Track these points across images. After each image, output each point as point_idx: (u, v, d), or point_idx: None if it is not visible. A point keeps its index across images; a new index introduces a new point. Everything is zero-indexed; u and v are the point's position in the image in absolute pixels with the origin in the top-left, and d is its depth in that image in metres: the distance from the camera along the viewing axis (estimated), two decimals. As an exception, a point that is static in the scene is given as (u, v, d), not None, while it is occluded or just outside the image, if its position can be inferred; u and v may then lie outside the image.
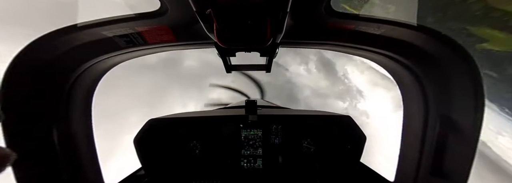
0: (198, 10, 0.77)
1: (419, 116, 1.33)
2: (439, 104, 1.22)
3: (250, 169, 2.14)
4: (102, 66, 1.39)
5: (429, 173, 1.21)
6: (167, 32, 1.13)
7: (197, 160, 2.20)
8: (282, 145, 2.25)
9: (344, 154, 2.22)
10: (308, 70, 25.79)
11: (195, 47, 1.37)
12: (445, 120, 1.14)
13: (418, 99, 1.33)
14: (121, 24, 1.03)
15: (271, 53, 1.26)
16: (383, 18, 1.01)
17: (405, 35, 1.08)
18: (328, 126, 2.29)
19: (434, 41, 1.03)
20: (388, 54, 1.29)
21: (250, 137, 2.22)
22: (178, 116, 2.20)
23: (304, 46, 1.37)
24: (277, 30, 0.93)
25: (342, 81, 25.19)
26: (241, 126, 2.23)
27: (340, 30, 1.14)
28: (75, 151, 1.37)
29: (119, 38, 1.13)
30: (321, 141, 2.27)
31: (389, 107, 21.65)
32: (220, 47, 1.02)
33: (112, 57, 1.32)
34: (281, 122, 2.28)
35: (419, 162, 1.34)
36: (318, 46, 1.38)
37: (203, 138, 2.26)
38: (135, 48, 1.26)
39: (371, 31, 1.10)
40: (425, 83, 1.27)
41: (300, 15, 1.00)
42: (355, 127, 2.03)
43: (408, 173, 1.41)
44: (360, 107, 24.29)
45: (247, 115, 2.16)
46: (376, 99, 23.50)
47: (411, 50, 1.16)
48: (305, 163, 2.22)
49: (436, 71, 1.16)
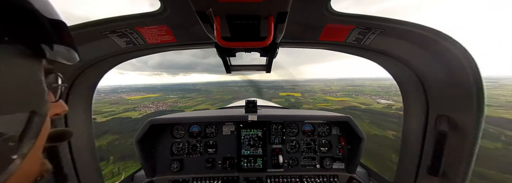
0: (198, 10, 0.76)
1: (419, 116, 1.34)
2: (439, 104, 1.22)
3: (250, 169, 2.15)
4: (102, 66, 1.39)
5: (429, 173, 1.21)
6: (167, 32, 1.12)
7: (197, 160, 2.20)
8: (282, 145, 2.26)
9: (344, 154, 2.23)
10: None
11: (195, 47, 1.37)
12: (445, 120, 1.14)
13: (418, 99, 1.33)
14: (121, 24, 1.02)
15: (271, 53, 1.25)
16: (383, 17, 1.01)
17: (405, 34, 1.07)
18: (328, 126, 2.29)
19: (434, 41, 1.03)
20: (388, 54, 1.29)
21: (250, 137, 2.22)
22: (178, 116, 2.20)
23: (304, 46, 1.37)
24: (277, 30, 0.93)
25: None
26: (241, 126, 2.23)
27: (340, 30, 1.14)
28: (74, 150, 1.37)
29: (119, 38, 1.13)
30: (321, 141, 2.27)
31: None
32: (220, 47, 1.01)
33: (112, 57, 1.32)
34: (281, 122, 2.28)
35: (419, 162, 1.35)
36: (318, 46, 1.37)
37: (203, 138, 2.26)
38: (135, 48, 1.25)
39: (371, 31, 1.10)
40: (425, 82, 1.27)
41: (300, 15, 1.00)
42: (355, 128, 2.03)
43: (408, 173, 1.41)
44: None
45: (247, 115, 2.16)
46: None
47: (411, 49, 1.16)
48: (305, 163, 2.23)
49: (436, 70, 1.16)
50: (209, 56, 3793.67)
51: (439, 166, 1.15)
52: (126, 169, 38.81)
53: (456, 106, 1.10)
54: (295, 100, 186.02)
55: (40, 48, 0.39)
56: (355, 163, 2.07)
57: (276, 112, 2.35)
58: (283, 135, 2.26)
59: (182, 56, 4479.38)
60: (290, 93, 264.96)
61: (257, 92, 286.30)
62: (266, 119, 2.19)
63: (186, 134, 2.25)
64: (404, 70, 1.34)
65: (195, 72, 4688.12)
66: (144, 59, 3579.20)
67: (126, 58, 1.42)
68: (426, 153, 1.30)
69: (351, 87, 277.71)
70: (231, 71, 1.53)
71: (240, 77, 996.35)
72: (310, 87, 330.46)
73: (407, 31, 1.04)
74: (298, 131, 2.29)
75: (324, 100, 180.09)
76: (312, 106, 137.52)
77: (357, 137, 2.02)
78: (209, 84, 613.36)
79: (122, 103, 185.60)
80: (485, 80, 0.99)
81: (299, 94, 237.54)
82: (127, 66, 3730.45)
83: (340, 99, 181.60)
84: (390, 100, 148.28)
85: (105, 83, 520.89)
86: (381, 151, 43.66)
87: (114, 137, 64.10)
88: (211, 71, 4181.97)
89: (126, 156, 44.51)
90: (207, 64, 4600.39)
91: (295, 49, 15.61)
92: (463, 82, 1.02)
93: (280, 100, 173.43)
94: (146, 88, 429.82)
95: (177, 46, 1.32)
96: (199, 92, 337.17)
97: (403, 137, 1.49)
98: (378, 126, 74.41)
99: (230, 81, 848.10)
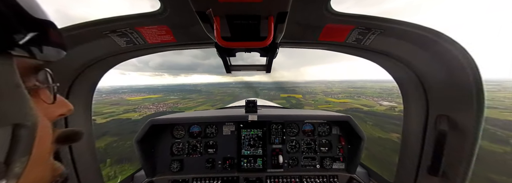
0: (198, 10, 0.77)
1: (419, 116, 1.33)
2: (439, 104, 1.21)
3: (250, 169, 2.14)
4: (102, 65, 1.40)
5: (429, 173, 1.20)
6: (167, 32, 1.13)
7: (197, 160, 2.20)
8: (282, 145, 2.25)
9: (344, 154, 2.22)
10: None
11: (195, 47, 1.37)
12: (445, 120, 1.13)
13: (418, 99, 1.33)
14: (121, 24, 1.03)
15: (271, 53, 1.25)
16: (383, 17, 1.01)
17: (405, 35, 1.08)
18: (328, 126, 2.29)
19: (434, 41, 1.03)
20: (388, 54, 1.29)
21: (250, 137, 2.22)
22: (178, 117, 2.20)
23: (304, 46, 1.37)
24: (277, 30, 0.93)
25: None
26: (241, 126, 2.23)
27: (340, 30, 1.14)
28: (75, 151, 1.38)
29: (119, 38, 1.14)
30: (321, 141, 2.27)
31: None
32: (220, 47, 1.02)
33: (112, 57, 1.33)
34: (281, 122, 2.28)
35: (419, 162, 1.34)
36: (318, 46, 1.37)
37: (203, 138, 2.26)
38: (135, 47, 1.26)
39: (371, 31, 1.10)
40: (425, 83, 1.27)
41: (300, 15, 1.00)
42: (355, 127, 2.03)
43: (408, 173, 1.41)
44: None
45: (247, 115, 2.16)
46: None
47: (411, 49, 1.16)
48: (305, 163, 2.22)
49: (436, 70, 1.15)
50: (210, 57, 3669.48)
51: (439, 166, 1.14)
52: (122, 172, 37.98)
53: (456, 106, 1.10)
54: (297, 101, 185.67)
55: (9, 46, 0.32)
56: (355, 163, 2.06)
57: (276, 112, 2.35)
58: (283, 135, 2.26)
59: (183, 57, 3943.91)
60: (291, 94, 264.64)
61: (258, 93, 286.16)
62: (266, 119, 2.18)
63: (186, 134, 2.25)
64: (404, 70, 1.33)
65: (196, 73, 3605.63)
66: (145, 60, 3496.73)
67: (126, 58, 1.43)
68: (426, 153, 1.29)
69: (352, 89, 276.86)
70: (231, 71, 1.53)
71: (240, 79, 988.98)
72: (311, 88, 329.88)
73: (407, 31, 1.04)
74: (298, 131, 2.29)
75: (326, 102, 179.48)
76: (314, 108, 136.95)
77: (357, 136, 2.02)
78: (210, 85, 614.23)
79: (122, 104, 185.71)
80: (487, 83, 0.98)
81: (300, 96, 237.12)
82: (128, 67, 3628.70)
83: (342, 100, 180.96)
84: (393, 102, 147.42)
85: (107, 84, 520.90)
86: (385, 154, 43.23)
87: (113, 139, 63.68)
88: (212, 72, 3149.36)
89: (124, 158, 43.53)
90: (208, 65, 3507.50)
91: (295, 51, 15.28)
92: (463, 82, 1.02)
93: (281, 101, 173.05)
94: (147, 88, 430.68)
95: (177, 46, 1.33)
96: (200, 93, 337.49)
97: (403, 137, 1.48)
98: (381, 128, 73.73)
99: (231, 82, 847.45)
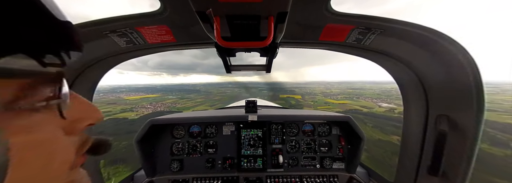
0: (198, 10, 0.77)
1: (419, 116, 1.33)
2: (439, 104, 1.22)
3: (250, 169, 2.14)
4: (102, 65, 1.39)
5: (429, 173, 1.21)
6: (167, 32, 1.13)
7: (197, 160, 2.19)
8: (282, 145, 2.25)
9: (344, 154, 2.22)
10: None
11: (195, 47, 1.37)
12: (445, 120, 1.14)
13: (418, 99, 1.33)
14: (121, 24, 1.03)
15: (271, 53, 1.26)
16: (383, 17, 1.02)
17: (405, 35, 1.08)
18: (328, 126, 2.29)
19: (434, 41, 1.03)
20: (388, 54, 1.30)
21: (250, 137, 2.22)
22: (178, 117, 2.20)
23: (304, 46, 1.37)
24: (277, 30, 0.93)
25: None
26: (241, 126, 2.23)
27: (340, 30, 1.14)
28: None
29: (119, 38, 1.13)
30: (321, 141, 2.27)
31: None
32: (220, 47, 1.02)
33: (112, 57, 1.32)
34: (281, 122, 2.28)
35: (419, 162, 1.34)
36: (318, 46, 1.38)
37: (203, 138, 2.26)
38: (135, 47, 1.26)
39: (371, 31, 1.10)
40: (425, 82, 1.27)
41: (300, 15, 1.00)
42: (355, 127, 2.03)
43: (408, 173, 1.41)
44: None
45: (247, 115, 2.16)
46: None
47: (411, 49, 1.16)
48: (305, 163, 2.22)
49: (436, 70, 1.16)
50: (209, 57, 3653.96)
51: (439, 166, 1.14)
52: (116, 174, 36.89)
53: (456, 106, 1.10)
54: (296, 102, 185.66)
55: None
56: (355, 163, 2.06)
57: (276, 112, 2.35)
58: (283, 135, 2.26)
59: (183, 56, 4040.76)
60: (290, 95, 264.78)
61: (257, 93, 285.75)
62: (266, 119, 2.18)
63: (186, 134, 2.25)
64: (404, 70, 1.34)
65: (195, 73, 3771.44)
66: (144, 59, 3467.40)
67: (126, 58, 1.42)
68: (426, 153, 1.29)
69: (351, 90, 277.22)
70: (231, 71, 1.53)
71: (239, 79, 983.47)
72: (311, 89, 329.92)
73: (407, 31, 1.05)
74: (298, 131, 2.29)
75: (325, 103, 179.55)
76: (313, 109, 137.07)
77: (357, 136, 2.02)
78: (209, 85, 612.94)
79: (120, 103, 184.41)
80: (486, 86, 0.98)
81: (300, 96, 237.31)
82: (127, 66, 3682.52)
83: (341, 102, 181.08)
84: (392, 104, 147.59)
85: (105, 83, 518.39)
86: (387, 157, 43.13)
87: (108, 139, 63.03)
88: (211, 72, 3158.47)
89: (118, 159, 41.81)
90: (207, 65, 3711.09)
91: (295, 51, 15.15)
92: (463, 82, 1.02)
93: (281, 102, 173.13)
94: (145, 88, 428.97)
95: (177, 46, 1.32)
96: (198, 93, 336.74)
97: (403, 137, 1.48)
98: (381, 130, 73.58)
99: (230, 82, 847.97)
